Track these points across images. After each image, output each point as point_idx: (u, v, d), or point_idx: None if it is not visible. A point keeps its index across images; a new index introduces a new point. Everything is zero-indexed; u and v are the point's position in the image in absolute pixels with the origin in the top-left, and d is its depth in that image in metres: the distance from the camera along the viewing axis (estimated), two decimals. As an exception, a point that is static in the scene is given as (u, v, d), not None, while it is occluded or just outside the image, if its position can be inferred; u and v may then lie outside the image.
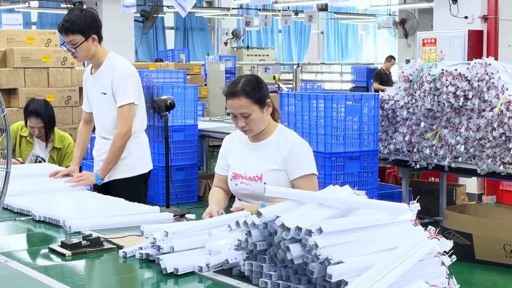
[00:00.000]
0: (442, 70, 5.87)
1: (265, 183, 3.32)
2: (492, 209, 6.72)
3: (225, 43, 20.51)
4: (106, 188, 4.20)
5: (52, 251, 2.69)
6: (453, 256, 2.21)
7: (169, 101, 5.98)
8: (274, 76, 14.82)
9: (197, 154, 8.38)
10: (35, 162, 5.27)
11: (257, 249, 2.18)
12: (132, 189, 4.20)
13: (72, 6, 14.28)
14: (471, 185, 8.10)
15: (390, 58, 15.27)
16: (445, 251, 2.19)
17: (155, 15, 16.76)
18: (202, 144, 9.11)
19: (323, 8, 19.37)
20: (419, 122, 6.19)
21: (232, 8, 17.89)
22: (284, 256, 2.06)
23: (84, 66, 12.93)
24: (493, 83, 5.66)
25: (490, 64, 5.76)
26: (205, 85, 12.24)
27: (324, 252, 1.97)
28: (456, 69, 5.80)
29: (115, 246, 2.73)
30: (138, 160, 4.26)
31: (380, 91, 7.50)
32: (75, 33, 4.00)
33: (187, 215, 3.33)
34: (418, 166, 6.32)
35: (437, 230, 2.23)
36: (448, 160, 6.01)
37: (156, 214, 3.29)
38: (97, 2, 13.53)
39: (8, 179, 2.42)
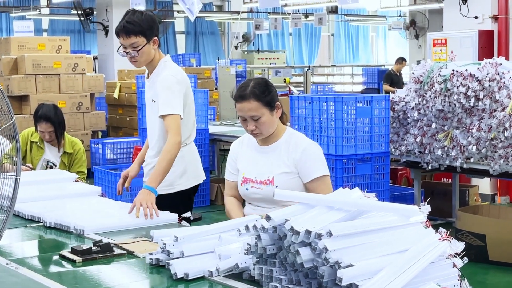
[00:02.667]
0: (453, 70, 5.84)
1: (276, 186, 3.31)
2: (505, 209, 6.66)
3: (236, 47, 20.51)
4: None
5: (63, 257, 2.69)
6: (465, 257, 2.19)
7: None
8: (284, 79, 14.80)
9: (208, 158, 8.39)
10: (46, 167, 5.28)
11: (267, 253, 2.17)
12: (170, 206, 3.68)
13: (82, 12, 14.34)
14: (484, 185, 8.06)
15: (402, 60, 15.19)
16: (457, 253, 2.17)
17: (164, 20, 16.80)
18: (213, 148, 9.12)
19: (333, 10, 19.32)
20: (430, 123, 6.16)
21: (242, 12, 17.89)
22: (294, 260, 2.05)
23: (95, 72, 12.96)
24: (504, 83, 5.64)
25: (501, 64, 5.74)
26: (216, 89, 12.25)
27: (334, 255, 1.96)
28: (466, 70, 5.77)
29: (126, 252, 2.73)
30: (178, 175, 3.95)
31: (390, 93, 7.49)
32: (138, 35, 3.75)
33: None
34: (430, 167, 6.29)
35: (449, 231, 2.21)
36: (460, 161, 5.98)
37: (167, 218, 3.31)
38: (108, 8, 13.59)
39: (18, 186, 2.43)
